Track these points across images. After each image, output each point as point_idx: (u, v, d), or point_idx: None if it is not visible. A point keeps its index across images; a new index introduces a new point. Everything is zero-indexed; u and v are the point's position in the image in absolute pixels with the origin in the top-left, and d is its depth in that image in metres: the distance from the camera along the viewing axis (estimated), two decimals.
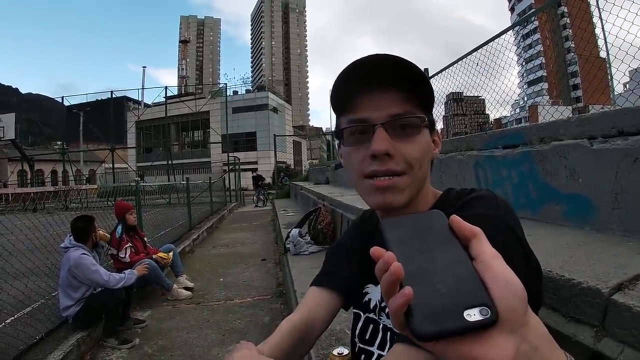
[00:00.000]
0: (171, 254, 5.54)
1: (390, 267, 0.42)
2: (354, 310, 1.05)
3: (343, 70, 0.78)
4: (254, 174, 22.71)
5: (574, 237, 1.93)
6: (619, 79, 3.77)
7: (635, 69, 3.46)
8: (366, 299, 1.00)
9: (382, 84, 0.78)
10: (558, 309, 1.33)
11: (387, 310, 0.92)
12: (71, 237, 4.09)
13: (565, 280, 1.33)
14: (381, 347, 0.94)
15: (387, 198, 0.79)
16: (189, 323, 4.42)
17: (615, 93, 4.38)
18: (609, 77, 4.16)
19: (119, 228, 5.09)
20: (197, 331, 4.19)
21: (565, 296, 1.31)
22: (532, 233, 2.08)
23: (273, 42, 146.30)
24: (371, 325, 0.98)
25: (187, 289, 5.36)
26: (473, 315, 0.38)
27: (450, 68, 6.20)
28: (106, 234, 4.74)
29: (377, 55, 0.76)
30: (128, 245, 5.05)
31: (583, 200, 2.13)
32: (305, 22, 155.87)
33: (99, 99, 36.97)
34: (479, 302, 0.39)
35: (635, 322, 1.07)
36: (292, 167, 38.09)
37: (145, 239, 5.69)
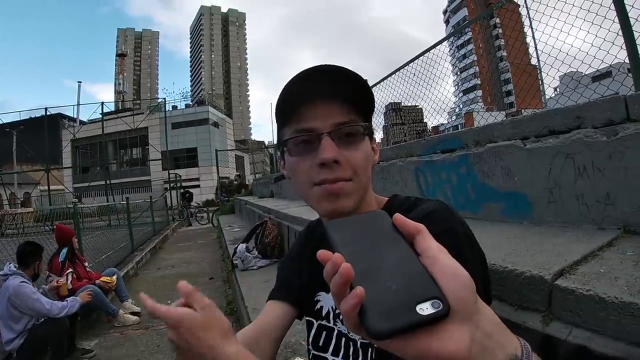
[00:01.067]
0: (114, 277, 5.31)
1: (340, 268, 0.42)
2: (307, 319, 1.06)
3: (289, 82, 0.79)
4: (182, 190, 22.09)
5: (514, 231, 2.04)
6: (549, 83, 4.04)
7: (565, 73, 3.70)
8: (318, 306, 1.02)
9: (326, 94, 0.80)
10: (505, 299, 1.40)
11: (341, 317, 0.94)
12: (11, 265, 3.88)
13: (509, 271, 1.40)
14: (335, 353, 0.96)
15: (337, 204, 0.80)
16: (139, 349, 4.24)
17: (547, 97, 4.67)
18: (540, 82, 4.44)
19: (63, 253, 4.84)
20: (148, 357, 4.03)
21: (510, 286, 1.38)
22: (473, 230, 2.17)
23: (213, 56, 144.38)
24: (324, 332, 0.99)
25: (133, 313, 5.14)
26: (425, 309, 0.39)
27: (389, 79, 6.38)
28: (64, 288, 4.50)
29: (321, 66, 0.78)
30: (69, 271, 4.80)
31: (520, 197, 2.26)
32: (245, 35, 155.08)
33: (33, 116, 35.14)
34: (430, 295, 0.40)
35: (579, 304, 1.15)
36: (235, 182, 37.58)
37: (86, 264, 5.42)
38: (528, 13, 4.01)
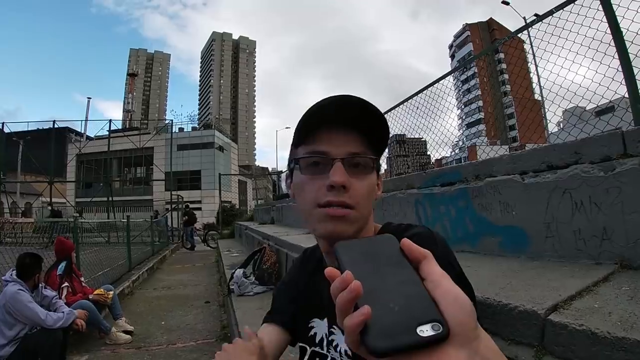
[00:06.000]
0: (110, 293, 5.27)
1: (350, 285, 0.43)
2: (300, 345, 1.06)
3: (315, 104, 0.82)
4: (184, 210, 20.81)
5: (511, 266, 2.03)
6: (550, 119, 4.08)
7: (565, 109, 3.73)
8: (312, 332, 1.01)
9: (346, 123, 0.83)
10: (498, 334, 1.39)
11: (334, 343, 0.95)
12: (13, 272, 3.90)
13: (502, 305, 1.39)
14: None
15: (337, 227, 0.82)
16: None
17: (551, 132, 4.70)
18: (543, 117, 4.48)
19: (62, 267, 4.84)
20: None
21: (503, 320, 1.38)
22: (470, 265, 2.17)
23: (222, 81, 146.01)
24: (317, 359, 0.98)
25: (126, 332, 5.06)
26: (426, 330, 0.40)
27: (394, 111, 6.44)
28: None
29: (347, 95, 0.81)
30: (65, 285, 4.78)
31: (517, 231, 2.26)
32: (254, 63, 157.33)
33: (41, 128, 35.27)
34: (431, 318, 0.41)
35: (572, 339, 1.14)
36: (237, 206, 37.46)
37: (82, 278, 5.39)
38: (532, 48, 4.07)
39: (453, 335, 0.41)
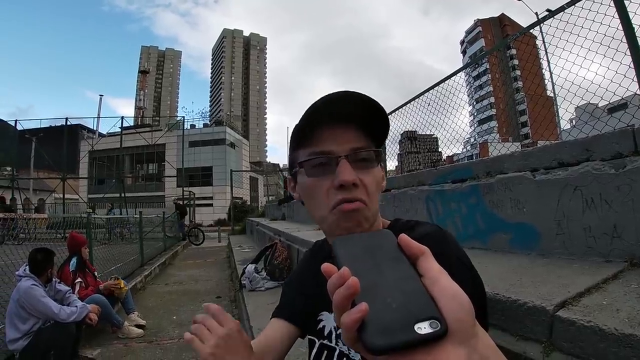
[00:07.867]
0: (125, 288, 5.34)
1: (348, 281, 0.43)
2: (309, 337, 1.06)
3: (310, 106, 0.80)
4: (175, 203, 20.39)
5: (521, 262, 2.03)
6: (562, 115, 4.05)
7: (577, 105, 3.69)
8: (320, 325, 1.02)
9: (344, 119, 0.82)
10: (507, 329, 1.40)
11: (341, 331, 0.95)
12: (26, 267, 3.93)
13: (512, 301, 1.40)
14: None
15: (355, 220, 0.80)
16: None
17: (562, 129, 4.68)
18: (555, 113, 4.45)
19: (74, 262, 4.91)
20: None
21: (512, 316, 1.38)
22: (481, 261, 2.17)
23: (233, 78, 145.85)
24: (325, 352, 0.99)
25: (138, 326, 5.13)
26: (423, 328, 0.40)
27: (405, 107, 6.42)
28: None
29: (341, 91, 0.80)
30: (78, 280, 4.85)
31: (528, 228, 2.26)
32: (265, 59, 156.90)
33: (53, 125, 35.60)
34: (429, 315, 0.41)
35: (580, 335, 1.15)
36: (249, 203, 37.58)
37: (96, 273, 5.46)
38: (544, 44, 4.03)
39: (451, 332, 0.41)
